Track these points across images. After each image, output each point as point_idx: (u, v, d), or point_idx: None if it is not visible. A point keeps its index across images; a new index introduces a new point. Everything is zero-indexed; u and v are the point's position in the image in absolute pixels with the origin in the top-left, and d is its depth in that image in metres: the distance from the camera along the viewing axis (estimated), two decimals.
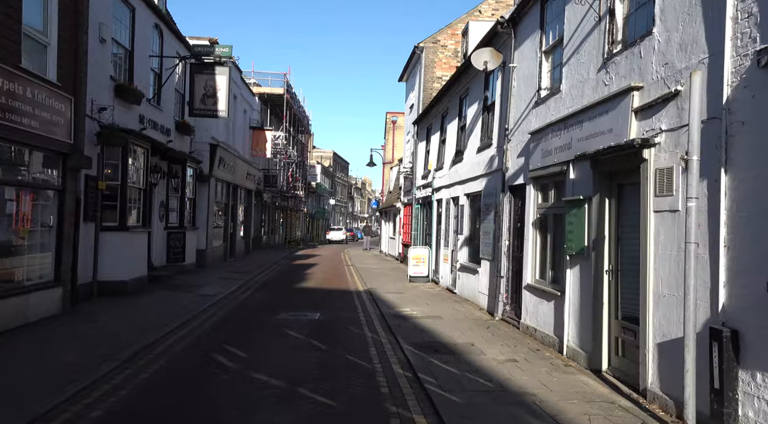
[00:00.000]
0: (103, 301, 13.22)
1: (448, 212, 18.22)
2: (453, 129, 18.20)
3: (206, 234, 23.06)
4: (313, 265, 28.38)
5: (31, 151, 10.25)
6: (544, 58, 10.48)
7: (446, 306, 14.23)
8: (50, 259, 11.12)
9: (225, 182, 26.26)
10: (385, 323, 11.95)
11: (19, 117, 9.44)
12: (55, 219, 11.16)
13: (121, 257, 14.46)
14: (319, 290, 17.92)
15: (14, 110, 9.30)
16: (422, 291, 17.57)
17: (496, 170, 12.91)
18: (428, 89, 25.19)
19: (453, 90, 18.10)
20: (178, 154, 18.75)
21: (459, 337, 10.27)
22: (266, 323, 11.79)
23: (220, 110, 17.71)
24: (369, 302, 15.36)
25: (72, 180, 11.47)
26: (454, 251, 17.32)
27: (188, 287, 16.69)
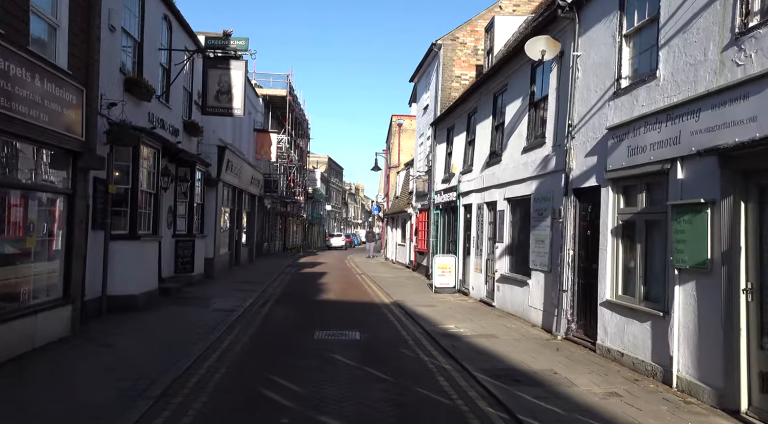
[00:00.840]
0: (113, 319, 11.84)
1: (480, 218, 16.92)
2: (485, 129, 16.92)
3: (214, 242, 21.65)
4: (323, 274, 27.00)
5: (38, 149, 8.86)
6: (624, 42, 9.21)
7: (492, 322, 12.91)
8: (58, 273, 9.73)
9: (231, 187, 24.88)
10: (435, 343, 10.63)
11: (26, 108, 8.06)
12: (64, 227, 9.76)
13: (131, 269, 13.08)
14: (344, 303, 16.57)
15: (21, 100, 7.93)
16: (455, 303, 16.25)
17: (552, 172, 11.64)
18: (446, 89, 23.92)
19: (485, 87, 16.85)
20: (189, 156, 17.36)
21: (532, 362, 8.96)
22: (304, 344, 10.43)
23: (236, 108, 16.34)
24: (404, 317, 14.02)
25: (83, 183, 10.09)
26: (490, 261, 16.02)
27: (201, 301, 15.31)
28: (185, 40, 18.38)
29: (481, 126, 17.38)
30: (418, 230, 26.99)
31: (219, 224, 22.55)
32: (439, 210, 22.79)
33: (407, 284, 22.36)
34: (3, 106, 7.49)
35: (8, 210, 8.36)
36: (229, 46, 16.00)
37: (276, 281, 22.61)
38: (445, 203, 21.50)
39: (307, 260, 37.95)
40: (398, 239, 35.53)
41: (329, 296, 18.09)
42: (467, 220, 18.84)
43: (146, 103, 14.81)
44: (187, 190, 18.16)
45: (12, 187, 8.29)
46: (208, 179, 20.89)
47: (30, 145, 8.63)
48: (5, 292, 8.32)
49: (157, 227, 14.75)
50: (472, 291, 17.48)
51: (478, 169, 17.41)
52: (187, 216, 18.69)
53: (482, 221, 16.69)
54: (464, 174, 18.95)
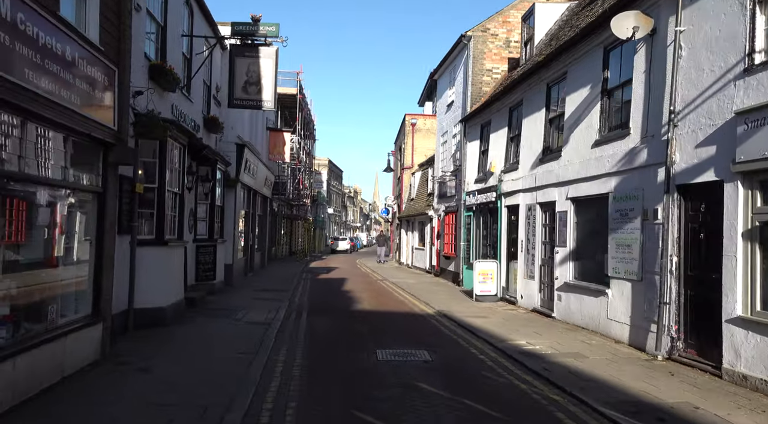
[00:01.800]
0: (141, 336, 10.41)
1: (530, 220, 15.51)
2: (535, 123, 15.53)
3: (233, 247, 20.18)
4: (343, 280, 25.54)
5: (67, 138, 7.38)
6: (759, 9, 7.83)
7: (564, 337, 11.50)
8: (87, 285, 8.26)
9: (247, 188, 23.41)
10: (520, 364, 9.23)
11: (57, 87, 6.62)
12: (93, 232, 8.28)
13: (158, 278, 11.63)
14: (385, 315, 15.15)
15: (51, 77, 6.49)
16: (506, 314, 14.84)
17: (643, 166, 10.25)
18: (477, 83, 22.54)
19: (535, 78, 15.48)
20: (212, 154, 15.91)
21: (654, 391, 7.55)
22: (372, 367, 9.00)
23: (266, 100, 14.90)
24: (460, 330, 12.61)
25: (113, 180, 8.62)
26: (546, 267, 14.62)
27: (229, 312, 13.89)
28: (205, 29, 16.95)
29: (530, 120, 15.98)
30: (444, 233, 25.54)
31: (237, 227, 21.09)
32: (471, 212, 21.36)
33: (437, 290, 20.96)
34: (31, 82, 6.04)
35: (32, 211, 6.89)
36: (258, 33, 14.56)
37: (297, 288, 21.19)
38: (481, 205, 20.08)
39: (318, 265, 36.50)
40: (415, 243, 34.09)
41: (364, 306, 16.64)
42: (511, 222, 17.43)
43: (170, 95, 13.40)
44: (208, 191, 16.71)
45: (39, 183, 6.82)
46: (227, 180, 19.44)
47: (58, 133, 7.16)
48: (31, 310, 6.87)
49: (182, 232, 13.31)
50: (521, 300, 16.05)
51: (526, 166, 16.00)
52: (208, 219, 17.26)
53: (534, 223, 15.27)
54: (507, 173, 17.54)
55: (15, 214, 6.46)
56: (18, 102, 5.85)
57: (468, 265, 21.56)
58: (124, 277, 10.40)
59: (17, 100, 5.82)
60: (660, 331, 9.41)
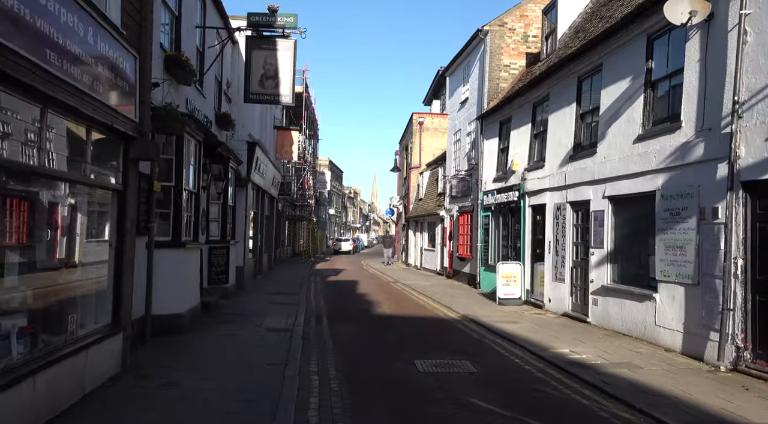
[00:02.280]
0: (160, 344, 9.71)
1: (559, 220, 14.81)
2: (564, 118, 14.85)
3: (244, 248, 19.45)
4: (354, 282, 24.83)
5: (89, 129, 6.65)
6: None
7: (608, 344, 10.81)
8: (107, 292, 7.53)
9: (256, 188, 22.67)
10: (573, 376, 8.54)
11: (79, 72, 5.90)
12: (113, 233, 7.55)
13: (175, 282, 10.95)
14: (410, 320, 14.44)
15: (73, 61, 5.77)
16: (537, 318, 14.14)
17: (699, 161, 9.58)
18: (494, 79, 21.85)
19: (564, 71, 14.81)
20: (226, 152, 15.18)
21: (739, 409, 6.87)
22: (416, 380, 8.29)
23: (283, 95, 14.17)
24: (493, 336, 11.94)
25: (134, 177, 7.89)
26: (579, 269, 13.94)
27: (246, 318, 13.19)
28: (218, 22, 16.25)
29: (557, 116, 15.30)
30: (458, 234, 24.84)
31: (248, 228, 20.37)
32: (489, 212, 20.66)
33: (455, 293, 20.26)
34: (53, 64, 5.32)
35: (49, 211, 6.18)
36: (276, 24, 13.86)
37: (309, 291, 20.52)
38: (500, 204, 19.38)
39: (325, 267, 35.78)
40: (424, 244, 33.38)
41: (384, 310, 15.93)
42: (536, 222, 16.73)
43: (185, 88, 12.71)
44: (221, 191, 15.99)
45: (57, 179, 6.10)
46: (238, 179, 18.71)
47: (80, 125, 6.44)
48: (49, 319, 6.15)
49: (197, 233, 12.60)
50: (549, 303, 15.35)
51: (553, 164, 15.31)
52: (220, 220, 16.54)
53: (564, 223, 14.58)
54: (531, 171, 16.85)
55: (29, 213, 5.75)
56: (41, 87, 5.13)
57: (486, 267, 20.89)
58: (140, 281, 9.66)
59: (39, 83, 5.10)
60: (723, 340, 8.72)
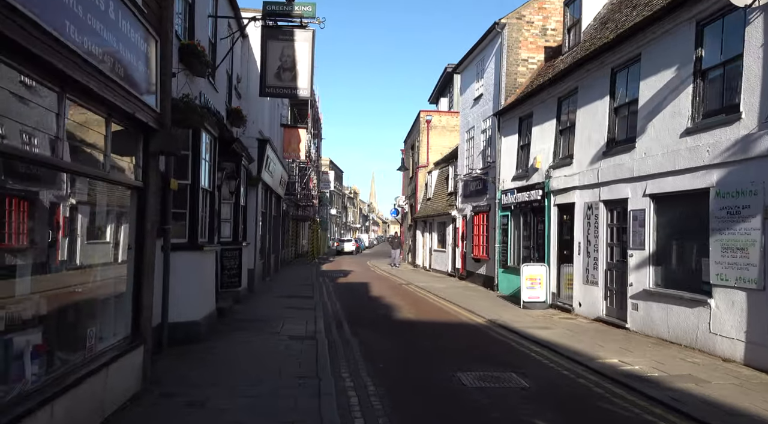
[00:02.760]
0: (178, 354, 9.00)
1: (591, 220, 14.07)
2: (595, 113, 14.12)
3: (254, 250, 18.70)
4: (366, 284, 24.08)
5: (109, 119, 5.89)
6: None
7: (658, 353, 10.08)
8: (126, 300, 6.77)
9: (266, 187, 21.91)
10: (636, 392, 7.81)
11: (99, 51, 5.14)
12: (132, 235, 6.79)
13: (192, 287, 10.22)
14: (433, 325, 13.73)
15: (94, 38, 5.01)
16: (568, 324, 13.41)
17: (764, 155, 8.83)
18: (511, 74, 21.11)
19: (595, 63, 14.08)
20: (240, 149, 14.43)
21: None
22: (465, 396, 7.55)
23: (301, 88, 13.42)
24: (530, 344, 11.23)
25: (154, 173, 7.13)
26: (614, 271, 13.21)
27: (263, 324, 12.48)
28: (229, 13, 15.50)
29: (587, 110, 14.56)
30: (472, 234, 24.08)
31: (258, 229, 19.61)
32: (508, 211, 19.91)
33: (473, 296, 19.55)
34: (73, 39, 4.56)
35: (67, 210, 5.41)
36: (294, 13, 13.10)
37: (322, 294, 19.78)
38: (521, 204, 18.64)
39: (331, 268, 35.03)
40: (434, 245, 32.63)
41: (405, 315, 15.18)
42: (563, 222, 16.00)
43: (199, 81, 12.00)
44: (234, 190, 15.23)
45: (78, 174, 5.34)
46: (249, 178, 17.96)
47: (100, 113, 5.67)
48: (65, 333, 5.39)
49: (212, 234, 11.83)
50: (579, 308, 14.60)
51: (583, 161, 14.58)
52: (232, 220, 15.78)
53: (596, 222, 13.83)
54: (557, 168, 16.11)
55: (38, 212, 4.99)
56: (59, 64, 4.37)
57: (505, 268, 20.16)
58: (156, 287, 8.90)
59: (57, 60, 4.34)
60: None
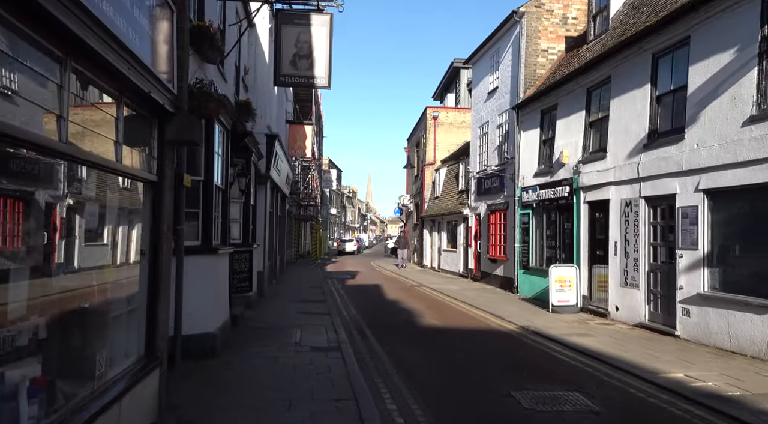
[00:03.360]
0: (192, 370, 8.02)
1: (630, 217, 13.08)
2: (633, 102, 13.15)
3: (264, 252, 17.66)
4: (377, 287, 23.07)
5: (120, 98, 4.85)
6: None
7: (725, 366, 9.11)
8: (138, 314, 5.73)
9: (273, 185, 20.84)
10: (723, 415, 6.79)
11: (113, 12, 4.08)
12: (146, 238, 5.76)
13: (206, 295, 9.20)
14: (463, 333, 12.73)
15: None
16: (609, 330, 12.44)
17: None
18: (531, 65, 20.11)
19: (634, 49, 13.12)
20: (252, 144, 13.40)
21: None
22: (529, 422, 6.51)
23: (318, 77, 12.37)
24: (576, 354, 10.24)
25: (170, 166, 6.10)
26: (658, 273, 12.25)
27: (279, 333, 11.52)
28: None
29: (623, 100, 13.58)
30: (488, 233, 23.07)
31: (266, 230, 18.57)
32: (529, 209, 18.92)
33: (493, 298, 18.54)
34: None
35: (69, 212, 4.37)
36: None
37: (335, 297, 18.84)
38: (544, 201, 17.64)
39: (336, 269, 34.01)
40: (443, 244, 31.61)
41: (429, 321, 14.16)
42: (595, 220, 15.01)
43: (209, 68, 10.92)
44: (244, 188, 14.19)
45: (87, 163, 4.30)
46: (258, 175, 16.91)
47: (110, 91, 4.64)
48: (74, 361, 4.36)
49: (225, 236, 10.78)
50: (616, 312, 13.60)
51: (619, 154, 13.59)
52: (242, 220, 14.73)
53: (636, 220, 12.85)
54: (587, 163, 15.13)
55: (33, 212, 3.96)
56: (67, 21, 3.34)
57: (526, 269, 19.17)
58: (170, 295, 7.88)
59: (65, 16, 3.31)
60: None
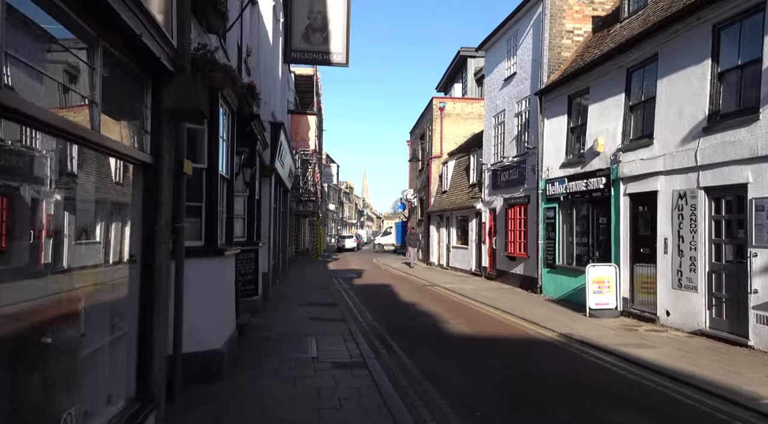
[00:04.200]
0: (195, 400, 6.54)
1: (684, 211, 11.64)
2: (688, 81, 11.73)
3: (269, 251, 16.15)
4: (388, 286, 21.60)
5: (98, 38, 3.30)
6: None
7: None
8: (125, 341, 4.20)
9: (277, 179, 19.31)
10: None
11: None
12: (136, 239, 4.22)
13: (211, 304, 7.71)
14: (497, 342, 11.30)
15: None
16: (666, 339, 11.02)
17: None
18: (555, 48, 18.62)
19: (689, 21, 11.64)
20: (258, 130, 11.88)
21: None
22: None
23: (335, 52, 10.89)
24: (641, 370, 8.79)
25: (168, 144, 4.57)
26: (722, 274, 10.79)
27: (292, 344, 10.14)
28: None
29: (675, 79, 12.13)
30: (506, 229, 21.57)
31: (271, 227, 17.06)
32: (556, 203, 17.45)
33: (516, 300, 17.12)
34: None
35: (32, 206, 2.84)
36: None
37: (344, 299, 17.39)
38: (573, 194, 16.18)
39: (339, 267, 32.50)
40: (452, 241, 30.12)
41: (457, 328, 12.69)
42: (638, 214, 13.56)
43: (212, 39, 9.34)
44: (249, 180, 12.66)
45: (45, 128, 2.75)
46: (263, 167, 15.39)
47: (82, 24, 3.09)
48: None
49: (231, 234, 9.26)
50: (667, 318, 12.14)
51: (671, 140, 12.14)
52: (246, 216, 13.21)
53: (693, 214, 11.40)
54: (629, 151, 13.66)
55: None
56: None
57: (551, 268, 17.73)
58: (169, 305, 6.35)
59: None
60: None
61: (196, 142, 7.61)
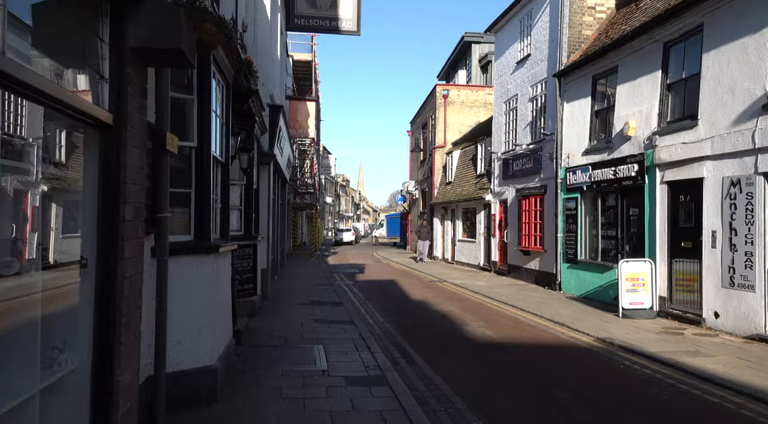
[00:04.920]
0: None
1: (737, 200, 10.35)
2: (743, 53, 10.45)
3: (268, 245, 14.79)
4: (394, 283, 20.26)
5: None
6: None
7: None
8: (72, 384, 2.79)
9: (276, 168, 17.91)
10: None
11: None
12: (89, 234, 2.81)
13: (202, 311, 6.36)
14: (530, 349, 9.98)
15: None
16: (721, 346, 9.75)
17: None
18: (575, 26, 17.26)
19: None
20: (256, 109, 10.50)
21: None
22: None
23: (344, 19, 9.49)
24: (717, 389, 7.48)
25: (137, 99, 3.14)
26: None
27: (297, 353, 8.93)
28: None
29: (724, 52, 10.83)
30: (519, 221, 20.21)
31: (270, 219, 15.68)
32: (578, 193, 16.12)
33: (534, 297, 15.83)
34: None
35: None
36: None
37: (350, 298, 16.06)
38: (600, 182, 14.84)
39: (339, 262, 31.15)
40: (458, 234, 28.78)
41: (481, 331, 11.37)
42: (678, 204, 12.23)
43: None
44: (246, 166, 11.27)
45: None
46: (261, 153, 13.98)
47: None
48: None
49: (226, 227, 7.87)
50: (716, 320, 10.85)
51: (720, 121, 10.82)
52: (243, 207, 11.84)
53: (748, 203, 10.10)
54: (668, 134, 12.33)
55: None
56: None
57: (572, 263, 16.43)
58: (146, 317, 4.96)
59: None
60: None
61: (185, 114, 6.24)
